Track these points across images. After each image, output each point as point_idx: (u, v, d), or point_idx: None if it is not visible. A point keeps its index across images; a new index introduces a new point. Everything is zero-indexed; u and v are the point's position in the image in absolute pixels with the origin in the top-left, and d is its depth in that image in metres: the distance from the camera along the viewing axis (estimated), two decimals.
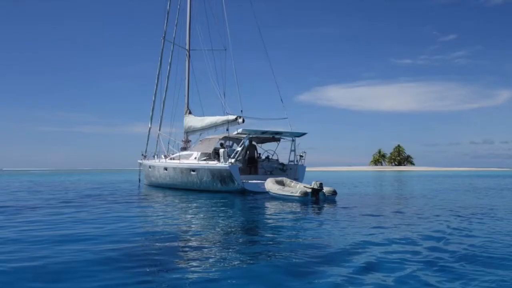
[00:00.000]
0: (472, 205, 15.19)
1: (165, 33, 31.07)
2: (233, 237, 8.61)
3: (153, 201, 17.63)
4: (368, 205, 15.27)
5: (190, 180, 23.80)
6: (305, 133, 23.63)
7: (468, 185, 31.77)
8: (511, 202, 16.49)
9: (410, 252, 6.90)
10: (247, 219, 11.57)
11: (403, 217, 11.68)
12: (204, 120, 27.44)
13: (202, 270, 5.86)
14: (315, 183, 16.85)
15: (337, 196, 17.37)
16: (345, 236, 8.54)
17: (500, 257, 6.49)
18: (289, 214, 12.47)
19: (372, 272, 5.71)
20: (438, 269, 5.81)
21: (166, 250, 7.35)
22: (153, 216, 12.52)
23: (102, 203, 16.72)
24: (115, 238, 8.44)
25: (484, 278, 5.36)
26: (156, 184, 28.55)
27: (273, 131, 23.09)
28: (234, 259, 6.55)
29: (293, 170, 23.77)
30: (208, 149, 24.43)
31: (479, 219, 11.13)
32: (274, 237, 8.52)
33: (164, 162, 27.04)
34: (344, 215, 11.92)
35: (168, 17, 31.02)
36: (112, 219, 11.58)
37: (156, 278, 5.55)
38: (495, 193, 22.37)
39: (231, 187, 21.20)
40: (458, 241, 7.91)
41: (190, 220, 11.61)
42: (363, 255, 6.73)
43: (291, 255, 6.76)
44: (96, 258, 6.64)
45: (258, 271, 5.83)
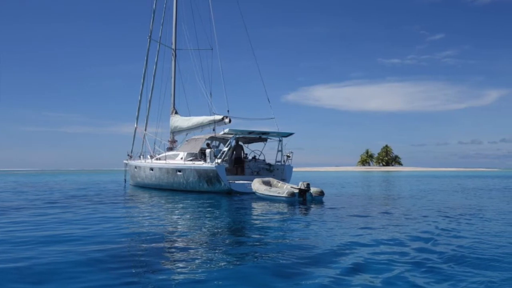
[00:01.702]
0: (460, 205, 15.22)
1: (151, 33, 30.96)
2: (220, 238, 8.57)
3: (139, 202, 17.53)
4: (355, 205, 15.27)
5: (176, 181, 23.72)
6: (292, 133, 23.63)
7: (456, 186, 31.88)
8: (500, 202, 16.52)
9: (398, 253, 6.90)
10: (233, 220, 11.53)
11: (390, 217, 11.68)
12: (191, 120, 27.36)
13: (189, 271, 5.83)
14: (302, 184, 16.85)
15: (325, 197, 17.35)
16: (332, 237, 8.53)
17: (489, 258, 6.48)
18: (276, 214, 12.45)
19: (359, 273, 5.70)
20: (426, 270, 5.80)
21: (152, 251, 7.31)
22: (139, 216, 12.45)
23: (87, 203, 16.62)
24: (100, 239, 8.39)
25: (472, 279, 5.35)
26: (142, 184, 28.42)
27: (260, 131, 23.07)
28: (220, 260, 6.52)
29: (280, 170, 23.77)
30: (194, 149, 24.35)
31: (468, 219, 11.13)
32: (261, 238, 8.51)
33: (150, 163, 26.93)
34: (332, 216, 11.91)
35: (154, 16, 30.92)
36: (97, 219, 11.52)
37: (142, 279, 5.50)
38: (483, 193, 22.43)
39: (217, 187, 21.15)
40: (446, 242, 7.90)
41: (176, 221, 11.55)
42: (351, 256, 6.72)
43: (278, 256, 6.73)
44: (81, 259, 6.59)
45: (245, 272, 5.80)
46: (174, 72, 30.21)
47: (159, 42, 30.53)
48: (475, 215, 12.15)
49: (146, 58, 31.07)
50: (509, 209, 13.75)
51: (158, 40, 30.53)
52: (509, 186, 30.89)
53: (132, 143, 32.41)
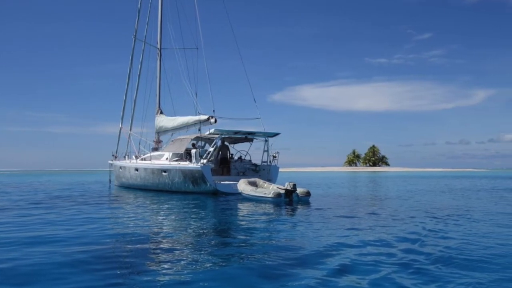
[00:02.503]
0: (448, 206, 15.22)
1: (136, 32, 30.80)
2: (205, 239, 8.54)
3: (123, 202, 17.45)
4: (342, 206, 15.27)
5: (162, 181, 23.62)
6: (278, 133, 23.63)
7: (444, 186, 31.94)
8: (488, 203, 16.55)
9: (385, 254, 6.89)
10: (219, 221, 11.50)
11: (377, 218, 11.66)
12: (176, 120, 27.26)
13: (174, 273, 5.80)
14: (289, 184, 16.84)
15: (311, 197, 17.31)
16: (319, 237, 8.52)
17: (477, 259, 6.48)
18: (262, 215, 12.44)
19: (346, 274, 5.68)
20: (414, 272, 5.78)
21: (137, 252, 7.26)
22: (124, 217, 12.37)
23: (72, 204, 16.51)
24: (85, 240, 8.33)
25: (460, 281, 5.34)
26: (127, 185, 28.27)
27: (246, 131, 23.06)
28: (206, 261, 6.49)
29: (266, 170, 23.76)
30: (179, 149, 24.26)
31: (455, 220, 11.12)
32: (247, 239, 8.49)
33: (135, 163, 26.79)
34: (318, 217, 11.89)
35: (139, 15, 30.75)
36: (82, 220, 11.44)
37: (127, 281, 5.46)
38: (471, 194, 22.45)
39: (203, 188, 21.09)
40: (433, 243, 7.88)
41: (162, 222, 11.50)
42: (337, 257, 6.70)
43: (264, 257, 6.72)
44: (65, 260, 6.54)
45: (231, 273, 5.78)
46: (160, 72, 30.07)
47: (144, 42, 30.43)
48: (463, 216, 12.16)
49: (131, 57, 30.94)
50: (496, 210, 13.76)
51: (143, 40, 30.42)
52: (496, 186, 30.92)
53: (117, 143, 32.25)
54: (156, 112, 29.65)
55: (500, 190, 25.65)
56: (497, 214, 12.68)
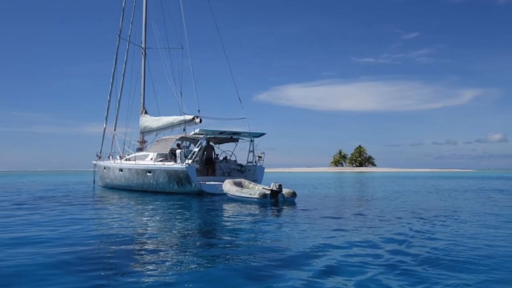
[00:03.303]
0: (435, 207, 15.20)
1: (120, 31, 30.55)
2: (190, 240, 8.52)
3: (108, 203, 17.35)
4: (328, 207, 15.27)
5: (146, 182, 23.53)
6: (264, 133, 23.63)
7: (431, 187, 31.90)
8: (475, 204, 16.56)
9: (372, 255, 6.88)
10: (204, 222, 11.49)
11: (364, 219, 11.64)
12: (161, 120, 27.14)
13: (159, 274, 5.78)
14: (274, 185, 16.82)
15: (297, 198, 17.29)
16: (304, 239, 8.52)
17: (464, 261, 6.48)
18: (248, 216, 12.43)
19: (332, 275, 5.68)
20: (400, 273, 5.78)
21: (122, 253, 7.23)
22: (108, 218, 12.31)
23: (55, 205, 16.39)
24: (69, 241, 8.29)
25: (447, 282, 5.35)
26: (111, 185, 28.11)
27: (231, 131, 23.04)
28: (191, 263, 6.48)
29: (252, 171, 23.74)
30: (164, 149, 24.17)
31: (442, 221, 11.10)
32: (232, 240, 8.48)
33: (119, 163, 26.66)
34: (304, 217, 11.88)
35: (124, 14, 30.46)
36: (66, 221, 11.37)
37: (111, 282, 5.44)
38: (458, 194, 22.46)
39: (188, 188, 21.03)
40: (420, 244, 7.88)
41: (146, 223, 11.46)
42: (323, 258, 6.70)
43: (249, 258, 6.72)
44: (49, 262, 6.51)
45: (216, 274, 5.77)
46: (144, 71, 29.89)
47: (128, 41, 30.16)
48: (450, 216, 12.15)
49: (116, 57, 30.71)
50: (484, 211, 13.76)
51: (128, 39, 30.16)
52: (484, 187, 30.91)
53: (101, 143, 32.02)
54: (140, 112, 29.50)
55: (487, 191, 25.67)
56: (484, 215, 12.68)
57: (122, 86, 30.53)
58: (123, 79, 30.50)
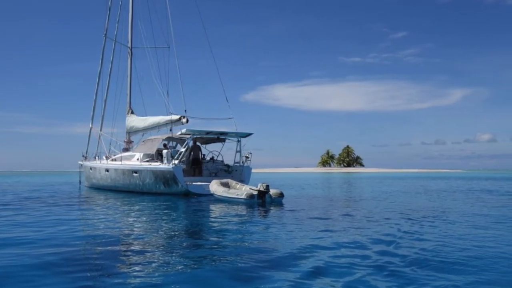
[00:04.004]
0: (423, 207, 15.16)
1: (106, 30, 30.38)
2: (177, 241, 8.51)
3: (94, 204, 17.26)
4: (316, 207, 15.25)
5: (132, 182, 23.43)
6: (251, 133, 23.61)
7: (419, 187, 31.90)
8: (464, 204, 16.53)
9: (360, 256, 6.86)
10: (191, 222, 11.46)
11: (352, 220, 11.61)
12: (147, 120, 27.02)
13: (145, 275, 5.77)
14: (262, 185, 16.80)
15: (284, 199, 17.27)
16: (292, 239, 8.51)
17: (452, 261, 6.47)
18: (235, 217, 12.42)
19: (320, 276, 5.68)
20: (389, 274, 5.77)
21: (108, 254, 7.21)
22: (94, 219, 12.24)
23: (41, 205, 16.28)
24: (54, 242, 8.25)
25: (435, 283, 5.34)
26: (98, 186, 27.97)
27: (218, 131, 23.01)
28: (177, 264, 6.47)
29: (239, 171, 23.72)
30: (151, 150, 24.09)
31: (431, 222, 11.07)
32: (219, 241, 8.47)
33: (105, 164, 26.52)
34: (291, 218, 11.87)
35: (110, 14, 30.31)
36: (51, 222, 11.30)
37: (97, 283, 5.42)
38: (447, 195, 22.45)
39: (174, 189, 20.97)
40: (409, 245, 7.87)
41: (132, 224, 11.42)
42: (311, 259, 6.69)
43: (236, 259, 6.71)
44: (35, 263, 6.48)
45: (203, 275, 5.77)
46: (130, 71, 29.73)
47: (114, 40, 29.99)
48: (439, 217, 12.13)
49: (102, 56, 30.54)
50: (473, 211, 13.75)
51: (114, 38, 30.00)
52: (473, 187, 30.91)
53: (87, 143, 31.85)
54: (127, 112, 29.36)
55: (476, 191, 25.68)
56: (473, 215, 12.66)
57: (108, 86, 30.41)
58: (109, 79, 30.39)
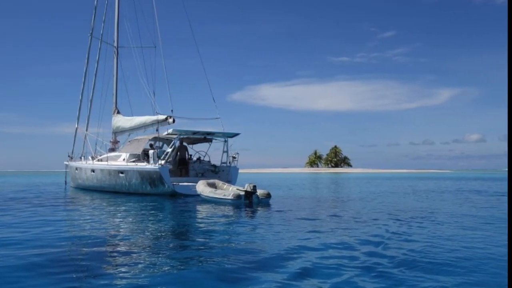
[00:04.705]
0: (411, 208, 15.11)
1: (92, 30, 30.19)
2: (163, 242, 8.49)
3: (80, 204, 17.16)
4: (303, 208, 15.22)
5: (119, 183, 23.33)
6: (238, 133, 23.61)
7: (408, 188, 31.84)
8: (452, 205, 16.49)
9: (347, 257, 6.84)
10: (177, 223, 11.44)
11: (340, 221, 11.56)
12: (133, 120, 26.92)
13: (131, 276, 5.75)
14: (249, 186, 16.75)
15: (271, 199, 17.22)
16: (279, 240, 8.50)
17: (441, 263, 6.46)
18: (222, 217, 12.40)
19: (307, 278, 5.67)
20: (377, 275, 5.75)
21: (94, 255, 7.18)
22: (80, 220, 12.18)
23: (26, 206, 16.18)
24: (40, 243, 8.20)
25: (424, 284, 5.33)
26: (83, 186, 27.81)
27: (204, 131, 22.98)
28: (164, 265, 6.46)
29: (226, 172, 23.70)
30: (137, 150, 24.01)
31: (419, 223, 11.03)
32: (206, 242, 8.46)
33: (91, 164, 26.39)
34: (279, 219, 11.84)
35: (96, 13, 30.12)
36: (37, 223, 11.23)
37: (83, 285, 5.41)
38: (435, 196, 22.39)
39: (161, 189, 20.91)
40: (397, 245, 7.84)
41: (119, 224, 11.38)
42: (299, 260, 6.67)
43: (223, 260, 6.71)
44: (20, 264, 6.45)
45: (189, 277, 5.76)
46: (116, 71, 29.58)
47: (100, 40, 29.80)
48: (427, 218, 12.08)
49: (87, 56, 30.35)
50: (461, 212, 13.71)
51: (100, 38, 29.81)
52: (461, 188, 30.85)
53: (73, 143, 31.64)
54: (113, 112, 29.22)
55: (465, 192, 25.66)
56: (462, 216, 12.61)
57: (94, 85, 30.22)
58: (95, 79, 30.19)
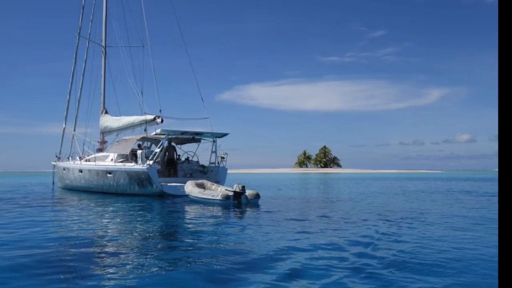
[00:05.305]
0: (401, 209, 15.06)
1: (80, 29, 30.08)
2: (152, 243, 8.47)
3: (67, 205, 17.09)
4: (292, 209, 15.20)
5: (106, 183, 23.24)
6: (227, 133, 23.62)
7: (397, 188, 31.83)
8: (442, 206, 16.47)
9: (337, 258, 6.81)
10: (166, 224, 11.42)
11: (329, 221, 11.52)
12: (121, 120, 26.84)
13: (119, 277, 5.73)
14: (237, 186, 16.74)
15: (260, 200, 17.19)
16: (268, 241, 8.48)
17: (431, 263, 6.44)
18: (210, 218, 12.39)
19: (296, 279, 5.65)
20: (366, 276, 5.72)
21: (81, 256, 7.15)
22: (68, 220, 12.13)
23: (14, 207, 16.11)
24: (27, 244, 8.16)
25: (414, 285, 5.32)
26: (71, 187, 27.69)
27: (193, 131, 22.94)
28: (152, 266, 6.44)
29: (214, 172, 23.67)
30: (125, 150, 23.94)
31: (409, 223, 10.98)
32: (194, 243, 8.45)
33: (79, 164, 26.27)
34: (268, 220, 11.81)
35: (83, 12, 30.01)
36: (24, 223, 11.19)
37: (71, 286, 5.38)
38: (425, 196, 22.36)
39: (149, 190, 20.86)
40: (386, 246, 7.81)
41: (107, 225, 11.33)
42: (288, 261, 6.64)
43: (211, 261, 6.69)
44: (7, 265, 6.41)
45: (178, 278, 5.75)
46: (104, 70, 29.46)
47: (88, 39, 29.66)
48: (417, 218, 12.04)
49: (75, 55, 30.26)
50: (451, 213, 13.68)
51: (88, 37, 29.67)
52: (451, 188, 30.78)
53: (60, 143, 31.53)
54: (100, 112, 29.11)
55: (455, 192, 25.62)
56: (452, 217, 12.57)
57: (82, 85, 30.09)
58: (83, 78, 30.07)
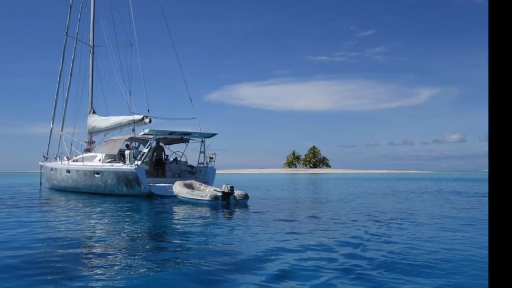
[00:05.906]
0: (391, 209, 15.04)
1: (67, 28, 29.91)
2: (140, 244, 8.45)
3: (55, 206, 17.01)
4: (281, 209, 15.18)
5: (94, 183, 23.14)
6: (215, 133, 23.60)
7: (387, 189, 31.80)
8: (432, 206, 16.45)
9: (326, 259, 6.79)
10: (154, 224, 11.40)
11: (318, 222, 11.51)
12: (109, 120, 26.75)
13: (107, 278, 5.71)
14: (226, 187, 16.68)
15: (249, 200, 17.15)
16: (257, 242, 8.46)
17: (421, 264, 6.41)
18: (199, 219, 12.38)
19: (285, 280, 5.64)
20: (356, 277, 5.71)
21: (69, 257, 7.12)
22: (55, 221, 12.06)
23: (0, 207, 16.00)
24: (14, 245, 8.12)
25: (403, 287, 5.31)
26: (59, 187, 27.55)
27: (181, 131, 22.89)
28: (140, 267, 6.42)
29: (203, 172, 23.64)
30: (113, 150, 23.85)
31: (399, 224, 10.95)
32: (183, 243, 8.44)
33: (66, 164, 26.14)
34: (256, 220, 11.81)
35: (71, 11, 29.85)
36: (11, 224, 11.13)
37: (58, 287, 5.36)
38: (415, 197, 22.34)
39: (137, 190, 20.79)
40: (376, 247, 7.79)
41: (94, 226, 11.29)
42: (277, 262, 6.63)
43: (200, 262, 6.68)
44: None
45: (166, 279, 5.73)
46: (92, 70, 29.35)
47: (76, 39, 29.51)
48: (407, 219, 12.00)
49: (63, 55, 30.10)
50: (441, 213, 13.65)
51: (75, 37, 29.52)
52: (441, 189, 30.74)
53: (48, 144, 31.36)
54: (88, 112, 29.00)
55: (445, 193, 25.57)
56: (442, 217, 12.53)
57: (70, 85, 29.93)
58: (70, 78, 29.91)
